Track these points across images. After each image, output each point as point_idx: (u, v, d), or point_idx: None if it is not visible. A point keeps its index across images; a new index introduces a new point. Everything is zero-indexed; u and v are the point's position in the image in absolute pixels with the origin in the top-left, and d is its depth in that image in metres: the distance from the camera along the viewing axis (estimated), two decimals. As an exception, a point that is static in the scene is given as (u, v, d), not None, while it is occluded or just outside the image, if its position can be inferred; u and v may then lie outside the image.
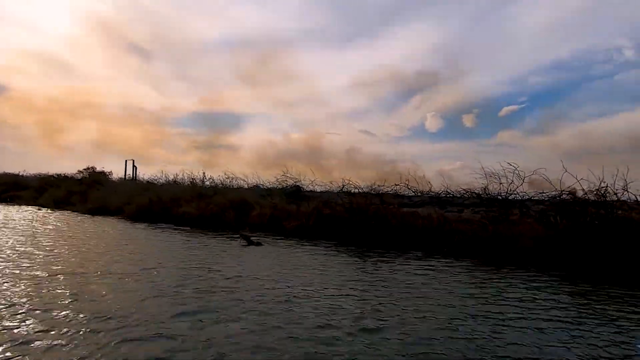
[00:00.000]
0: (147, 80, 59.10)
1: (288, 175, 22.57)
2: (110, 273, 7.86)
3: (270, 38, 55.71)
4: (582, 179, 13.25)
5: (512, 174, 15.84)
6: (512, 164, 15.64)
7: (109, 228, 16.79)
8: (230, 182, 21.12)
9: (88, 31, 55.35)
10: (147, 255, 10.19)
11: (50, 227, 16.30)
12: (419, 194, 18.68)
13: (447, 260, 10.71)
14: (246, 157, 44.74)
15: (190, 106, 58.20)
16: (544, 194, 14.80)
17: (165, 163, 65.61)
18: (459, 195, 17.24)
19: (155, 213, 19.70)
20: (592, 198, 10.94)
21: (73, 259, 9.24)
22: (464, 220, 13.63)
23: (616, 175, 11.13)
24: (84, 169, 35.39)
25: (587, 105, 42.26)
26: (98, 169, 35.48)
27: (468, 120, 44.63)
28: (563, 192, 14.69)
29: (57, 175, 37.97)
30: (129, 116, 56.29)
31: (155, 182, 24.95)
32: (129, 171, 35.02)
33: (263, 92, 55.63)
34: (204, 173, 21.41)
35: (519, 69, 46.77)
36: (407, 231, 13.56)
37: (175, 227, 17.36)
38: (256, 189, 20.84)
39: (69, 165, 54.74)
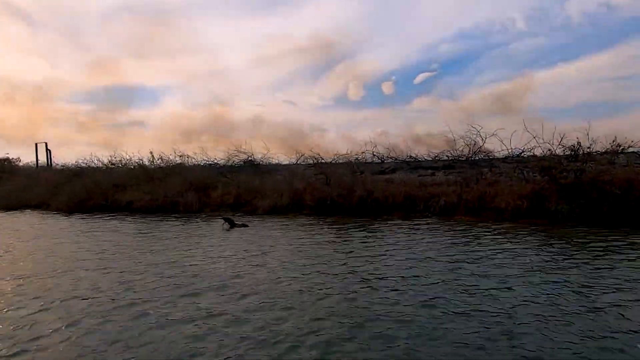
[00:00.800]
0: (32, 50, 49.99)
1: (241, 150, 21.14)
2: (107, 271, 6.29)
3: (183, 3, 50.38)
4: (537, 136, 14.22)
5: (475, 135, 16.44)
6: (474, 126, 16.19)
7: (45, 225, 14.05)
8: (179, 161, 18.93)
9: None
10: (123, 251, 8.51)
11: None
12: (385, 159, 18.65)
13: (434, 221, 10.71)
14: (157, 134, 40.82)
15: (86, 80, 50.86)
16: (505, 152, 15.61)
17: (60, 145, 57.30)
18: (427, 159, 17.53)
19: (93, 203, 17.06)
20: (567, 153, 11.62)
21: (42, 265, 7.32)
22: (444, 184, 13.79)
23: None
24: (-19, 157, 29.59)
25: (487, 72, 46.22)
26: (-1, 155, 29.97)
27: (387, 88, 46.19)
28: (524, 150, 15.56)
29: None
30: (10, 92, 47.49)
31: (85, 166, 21.54)
32: (41, 157, 30.18)
33: (173, 62, 50.65)
34: (151, 153, 18.83)
35: (431, 37, 49.33)
36: (389, 198, 13.37)
37: (124, 216, 15.17)
38: (209, 168, 19.05)
39: None
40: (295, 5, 50.18)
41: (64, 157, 29.37)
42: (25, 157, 31.17)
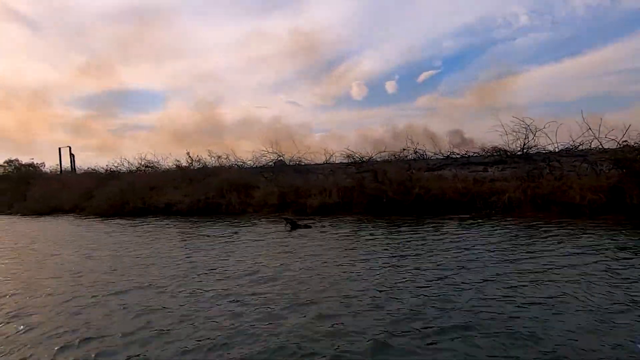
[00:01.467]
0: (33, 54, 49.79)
1: (273, 150, 20.57)
2: (181, 287, 5.79)
3: (184, 3, 50.28)
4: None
5: (525, 129, 15.74)
6: (522, 120, 15.48)
7: (90, 231, 13.63)
8: (215, 162, 18.42)
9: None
10: (195, 257, 8.00)
11: (11, 237, 12.81)
12: (427, 156, 18.02)
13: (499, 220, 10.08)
14: (162, 137, 40.57)
15: (83, 83, 51.09)
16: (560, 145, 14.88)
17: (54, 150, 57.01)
18: (473, 155, 16.90)
19: (131, 206, 16.62)
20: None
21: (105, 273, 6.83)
22: (501, 179, 13.17)
23: None
24: (6, 162, 29.39)
25: (492, 67, 45.77)
26: (23, 160, 29.73)
27: (390, 87, 45.49)
28: (577, 144, 14.87)
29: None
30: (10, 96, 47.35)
31: (117, 170, 21.12)
32: (65, 161, 29.90)
33: (175, 64, 50.56)
34: (188, 153, 18.33)
35: (433, 34, 48.76)
36: (446, 196, 12.77)
37: (166, 218, 14.71)
38: (246, 168, 18.53)
39: None
40: (296, 5, 49.84)
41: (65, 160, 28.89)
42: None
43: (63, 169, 29.62)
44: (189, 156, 17.97)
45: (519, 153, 14.52)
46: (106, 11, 48.70)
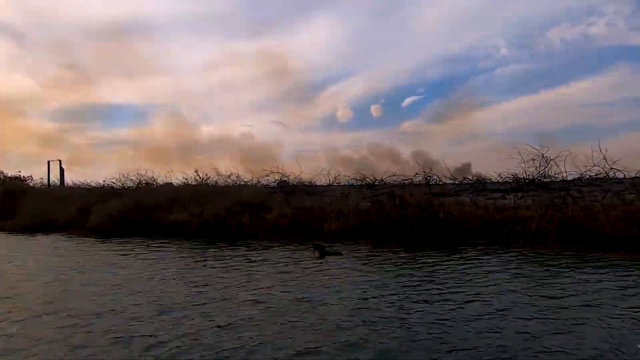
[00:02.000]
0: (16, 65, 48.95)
1: (277, 170, 20.04)
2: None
3: (170, 21, 50.70)
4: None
5: (539, 157, 15.78)
6: (535, 148, 15.54)
7: (90, 250, 12.75)
8: (223, 181, 17.76)
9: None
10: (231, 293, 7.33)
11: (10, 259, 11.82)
12: (440, 182, 17.86)
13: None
14: (139, 153, 39.78)
15: (63, 96, 50.43)
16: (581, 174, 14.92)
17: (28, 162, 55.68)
18: (489, 181, 16.79)
19: (133, 225, 15.76)
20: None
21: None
22: (522, 207, 12.98)
23: None
24: (-9, 174, 27.82)
25: (474, 95, 47.30)
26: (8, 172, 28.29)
27: (375, 111, 46.33)
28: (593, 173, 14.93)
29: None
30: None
31: (114, 186, 20.18)
32: (53, 174, 28.65)
33: (161, 80, 50.42)
34: (196, 171, 17.62)
35: (417, 61, 50.65)
36: (468, 223, 12.48)
37: (173, 239, 13.94)
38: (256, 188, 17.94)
39: None
40: (285, 28, 50.90)
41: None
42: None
43: (53, 183, 28.41)
44: (197, 173, 17.31)
45: (536, 181, 14.48)
46: (90, 26, 48.46)
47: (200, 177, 17.36)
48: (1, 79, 47.36)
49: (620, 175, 14.80)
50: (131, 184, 19.70)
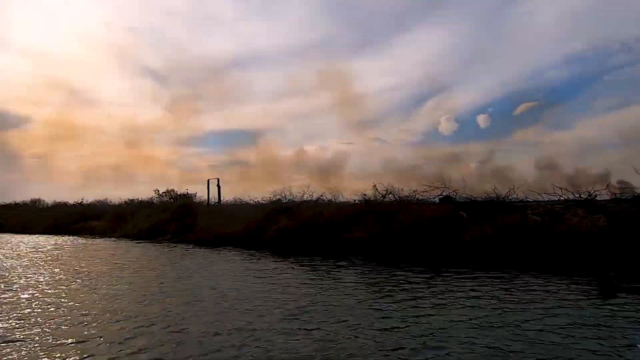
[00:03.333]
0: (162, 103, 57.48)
1: (439, 184, 17.82)
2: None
3: (282, 52, 54.89)
4: None
5: None
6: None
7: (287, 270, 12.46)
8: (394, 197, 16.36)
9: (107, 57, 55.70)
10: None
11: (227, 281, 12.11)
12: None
13: None
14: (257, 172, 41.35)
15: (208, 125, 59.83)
16: None
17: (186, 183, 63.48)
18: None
19: (321, 244, 15.04)
20: None
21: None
22: None
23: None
24: (164, 192, 31.54)
25: (606, 97, 38.75)
26: (178, 190, 31.69)
27: (482, 121, 42.61)
28: None
29: (130, 201, 34.17)
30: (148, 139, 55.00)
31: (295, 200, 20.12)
32: (213, 192, 31.19)
33: (272, 106, 54.56)
34: (374, 186, 16.57)
35: (532, 65, 44.79)
36: None
37: (356, 260, 12.91)
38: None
39: (92, 193, 52.46)
40: (385, 43, 49.67)
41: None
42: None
43: (212, 200, 30.86)
44: (376, 189, 16.14)
45: None
46: (213, 63, 55.84)
47: (379, 193, 16.11)
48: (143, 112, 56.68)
49: None
50: (297, 200, 19.58)
